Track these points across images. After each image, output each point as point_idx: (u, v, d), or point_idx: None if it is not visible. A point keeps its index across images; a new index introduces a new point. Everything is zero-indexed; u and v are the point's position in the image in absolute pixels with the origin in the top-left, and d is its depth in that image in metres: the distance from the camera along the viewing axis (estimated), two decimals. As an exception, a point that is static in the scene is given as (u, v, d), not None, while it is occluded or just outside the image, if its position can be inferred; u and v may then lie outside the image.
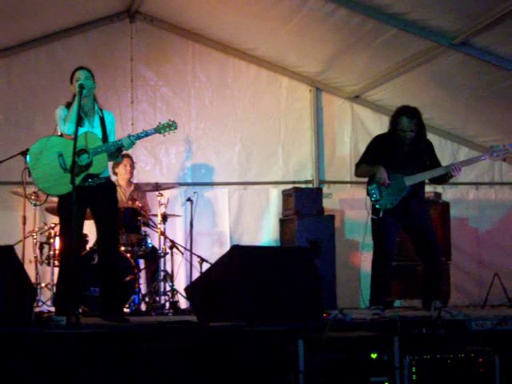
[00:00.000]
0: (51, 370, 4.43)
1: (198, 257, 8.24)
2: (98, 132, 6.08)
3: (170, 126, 6.25)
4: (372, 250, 6.85)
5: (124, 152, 7.17)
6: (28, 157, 6.02)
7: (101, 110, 6.20)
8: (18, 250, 6.87)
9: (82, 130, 5.86)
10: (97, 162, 5.95)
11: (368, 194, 6.81)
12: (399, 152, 6.78)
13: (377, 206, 6.73)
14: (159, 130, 6.23)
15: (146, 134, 6.19)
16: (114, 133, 6.27)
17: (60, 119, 6.02)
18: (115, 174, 8.33)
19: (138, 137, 6.13)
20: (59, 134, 6.06)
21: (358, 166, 6.96)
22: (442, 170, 6.76)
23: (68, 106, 6.06)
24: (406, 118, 6.69)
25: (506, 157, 6.80)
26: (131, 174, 8.51)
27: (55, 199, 6.49)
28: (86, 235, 7.55)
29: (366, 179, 6.92)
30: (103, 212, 6.12)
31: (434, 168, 6.79)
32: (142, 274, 8.23)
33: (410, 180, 6.70)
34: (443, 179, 6.87)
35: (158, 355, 4.72)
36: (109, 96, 8.92)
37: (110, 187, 6.26)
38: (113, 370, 4.53)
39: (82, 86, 5.87)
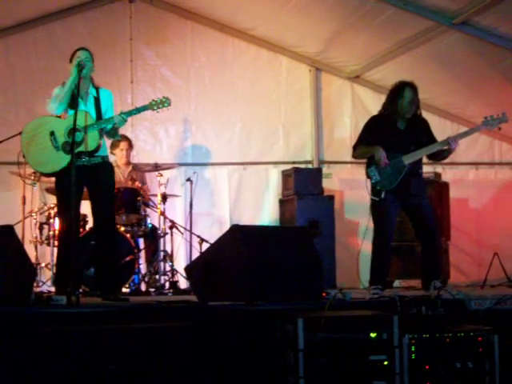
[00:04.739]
0: (51, 349, 4.44)
1: (198, 237, 8.24)
2: (93, 112, 6.03)
3: (163, 103, 6.17)
4: (373, 231, 6.86)
5: (122, 134, 7.15)
6: (22, 137, 6.01)
7: (97, 90, 6.16)
8: (18, 230, 6.90)
9: (72, 112, 5.79)
10: (88, 140, 5.89)
11: (368, 176, 6.76)
12: (396, 131, 6.77)
13: (378, 188, 6.71)
14: (152, 106, 6.15)
15: (138, 111, 6.14)
16: (111, 108, 6.21)
17: (52, 98, 6.00)
18: (113, 154, 8.32)
19: (130, 113, 6.08)
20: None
21: (355, 147, 6.92)
22: (439, 144, 6.74)
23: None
24: (410, 89, 6.68)
25: (500, 126, 6.82)
26: (127, 157, 8.48)
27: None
28: (85, 215, 7.53)
29: (365, 159, 6.89)
30: (100, 191, 6.11)
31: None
32: (142, 254, 8.24)
33: (409, 158, 6.67)
34: (442, 155, 6.85)
35: (157, 335, 4.72)
36: (108, 76, 8.87)
37: (108, 167, 6.23)
38: (113, 350, 4.53)
39: (80, 64, 5.85)
